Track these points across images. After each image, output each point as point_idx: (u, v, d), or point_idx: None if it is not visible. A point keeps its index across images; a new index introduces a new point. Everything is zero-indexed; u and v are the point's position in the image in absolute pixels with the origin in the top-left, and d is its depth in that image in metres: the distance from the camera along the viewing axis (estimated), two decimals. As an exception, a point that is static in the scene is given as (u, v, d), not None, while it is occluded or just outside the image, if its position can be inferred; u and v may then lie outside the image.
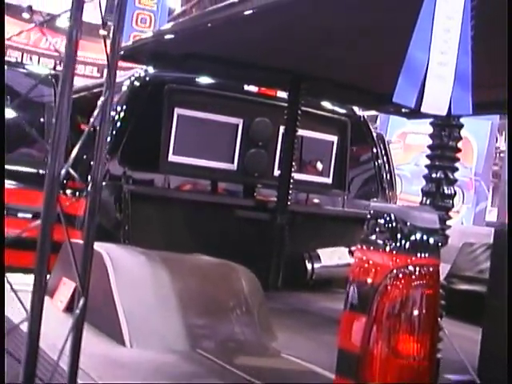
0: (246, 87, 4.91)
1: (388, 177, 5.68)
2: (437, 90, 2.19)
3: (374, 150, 5.55)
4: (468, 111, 2.27)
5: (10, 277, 3.64)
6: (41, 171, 4.65)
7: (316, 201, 5.39)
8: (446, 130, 2.42)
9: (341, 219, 5.09)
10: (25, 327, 2.09)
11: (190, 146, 4.71)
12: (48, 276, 2.17)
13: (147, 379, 2.45)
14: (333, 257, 4.79)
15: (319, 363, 2.73)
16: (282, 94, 4.88)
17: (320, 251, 4.82)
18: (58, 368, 1.93)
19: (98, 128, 4.17)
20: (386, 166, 5.69)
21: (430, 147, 2.50)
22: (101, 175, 1.88)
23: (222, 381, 2.51)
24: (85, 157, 4.70)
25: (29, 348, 1.60)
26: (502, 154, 16.56)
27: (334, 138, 5.29)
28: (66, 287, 3.33)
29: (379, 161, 5.59)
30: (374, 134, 5.72)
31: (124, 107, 4.53)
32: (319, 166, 5.34)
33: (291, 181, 4.77)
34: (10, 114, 5.24)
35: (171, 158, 4.62)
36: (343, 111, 5.33)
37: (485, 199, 13.30)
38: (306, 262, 4.81)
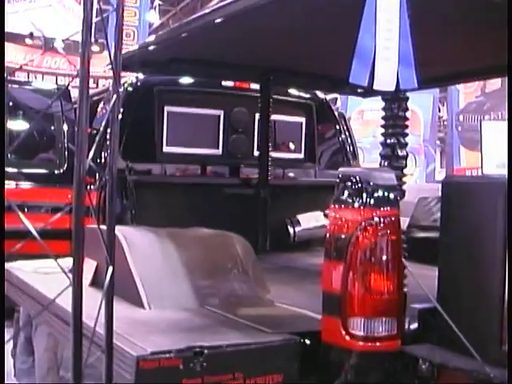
0: (223, 83, 4.96)
1: (351, 149, 5.77)
2: (384, 70, 2.28)
3: (337, 127, 5.63)
4: (414, 85, 2.36)
5: (43, 262, 3.72)
6: (56, 171, 4.69)
7: (292, 174, 5.47)
8: (396, 103, 2.50)
9: (314, 188, 5.16)
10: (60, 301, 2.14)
11: (181, 138, 4.76)
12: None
13: (166, 333, 2.51)
14: (311, 220, 4.88)
15: (307, 307, 2.80)
16: (255, 86, 4.95)
17: (299, 216, 4.90)
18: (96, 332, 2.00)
19: (100, 130, 4.23)
20: (349, 139, 5.77)
21: (383, 118, 2.58)
22: (115, 169, 1.91)
23: (231, 329, 2.56)
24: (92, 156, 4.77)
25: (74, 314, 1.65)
26: (445, 122, 16.65)
27: (302, 120, 5.37)
28: (89, 266, 3.37)
29: (342, 136, 5.67)
30: (336, 113, 5.80)
31: (121, 110, 4.57)
32: (292, 144, 5.42)
33: (269, 159, 4.85)
34: (24, 125, 5.29)
35: (165, 149, 4.67)
36: (308, 96, 5.40)
37: (433, 161, 13.44)
38: (288, 226, 4.89)
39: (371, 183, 2.35)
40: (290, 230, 4.88)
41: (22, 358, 4.57)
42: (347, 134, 5.74)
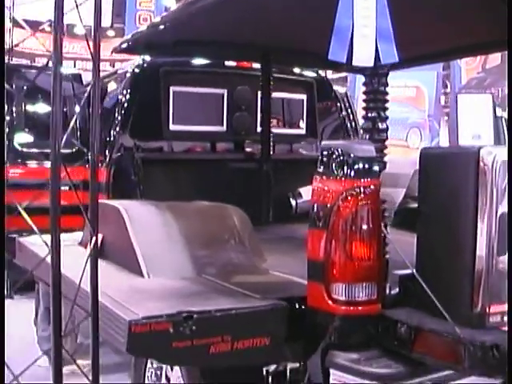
0: (226, 63, 4.95)
1: (353, 125, 5.74)
2: (363, 47, 2.27)
3: (338, 104, 5.60)
4: (394, 59, 2.34)
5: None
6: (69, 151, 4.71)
7: (294, 149, 5.46)
8: (376, 78, 2.48)
9: (315, 162, 5.14)
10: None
11: (186, 116, 4.77)
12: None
13: (160, 300, 2.55)
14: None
15: (300, 275, 2.81)
16: (257, 65, 4.94)
17: (301, 189, 4.90)
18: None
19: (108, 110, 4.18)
20: (350, 116, 5.74)
21: (364, 93, 2.57)
22: (97, 146, 1.92)
23: (223, 295, 2.59)
24: (102, 135, 4.80)
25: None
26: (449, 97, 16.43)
27: (304, 97, 5.35)
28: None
29: (343, 113, 5.64)
30: (339, 92, 5.78)
31: (129, 90, 4.60)
32: (294, 120, 5.41)
33: (272, 135, 4.86)
34: (43, 108, 5.32)
35: (172, 127, 4.68)
36: (309, 74, 5.38)
37: (437, 136, 13.32)
38: (291, 199, 4.90)
39: (352, 155, 2.35)
40: (292, 202, 4.88)
41: (42, 326, 4.65)
42: (349, 111, 5.71)
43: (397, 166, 3.32)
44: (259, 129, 4.99)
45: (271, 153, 4.88)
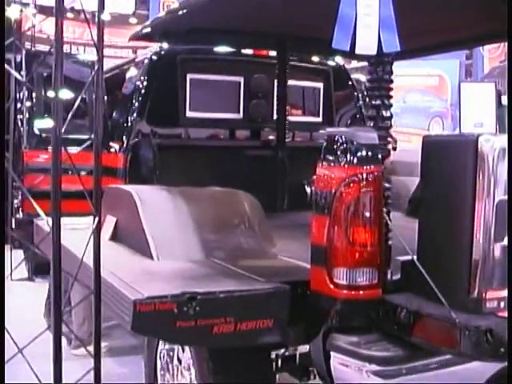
0: (243, 51, 4.98)
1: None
2: (366, 36, 2.29)
3: (355, 93, 5.60)
4: (396, 48, 2.36)
5: (72, 219, 3.82)
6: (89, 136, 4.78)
7: (310, 137, 5.47)
8: (380, 66, 2.50)
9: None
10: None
11: (203, 103, 4.80)
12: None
13: (167, 281, 2.60)
14: (326, 180, 4.88)
15: (306, 260, 2.85)
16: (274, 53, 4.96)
17: (316, 177, 4.91)
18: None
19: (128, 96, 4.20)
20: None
21: (368, 81, 2.59)
22: (100, 131, 1.97)
23: (229, 278, 2.64)
24: (120, 121, 4.87)
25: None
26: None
27: (321, 85, 5.35)
28: (109, 222, 3.49)
29: (360, 102, 5.64)
30: (357, 80, 5.78)
31: (146, 77, 4.64)
32: (311, 108, 5.43)
33: (287, 122, 4.89)
34: (64, 94, 5.39)
35: (188, 114, 4.72)
36: (326, 62, 5.39)
37: (474, 126, 13.09)
38: (306, 186, 4.91)
39: (355, 142, 2.38)
40: (308, 189, 4.90)
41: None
42: (367, 100, 5.69)
43: (413, 155, 3.34)
44: (275, 116, 5.02)
45: (287, 140, 4.91)
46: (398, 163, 5.83)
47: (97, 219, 1.86)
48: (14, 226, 5.15)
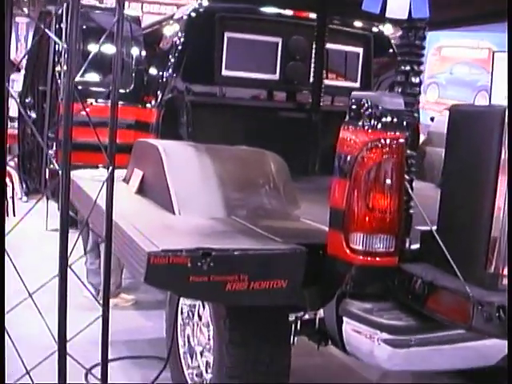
0: (282, 11, 4.87)
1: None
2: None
3: (396, 61, 5.44)
4: (425, 14, 2.27)
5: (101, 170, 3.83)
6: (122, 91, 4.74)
7: (347, 102, 5.36)
8: (412, 31, 2.40)
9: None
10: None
11: (239, 62, 4.72)
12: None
13: (185, 236, 2.59)
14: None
15: (326, 223, 2.81)
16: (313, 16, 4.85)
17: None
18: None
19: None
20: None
21: (399, 45, 2.50)
22: (118, 84, 1.93)
23: (247, 236, 2.60)
24: (156, 76, 4.83)
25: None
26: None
27: (360, 50, 5.23)
28: (136, 175, 3.48)
29: (400, 69, 5.49)
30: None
31: (184, 34, 4.59)
32: (349, 73, 5.31)
33: (324, 86, 4.80)
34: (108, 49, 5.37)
35: (224, 72, 4.65)
36: (367, 27, 5.24)
37: (504, 98, 12.76)
38: (338, 151, 4.84)
39: (380, 107, 2.31)
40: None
41: (90, 260, 4.81)
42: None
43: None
44: (312, 79, 4.93)
45: (322, 104, 4.82)
46: (434, 134, 5.70)
47: (110, 169, 1.83)
48: (47, 177, 5.19)
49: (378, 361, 2.29)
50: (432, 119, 7.62)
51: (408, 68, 2.42)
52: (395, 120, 2.29)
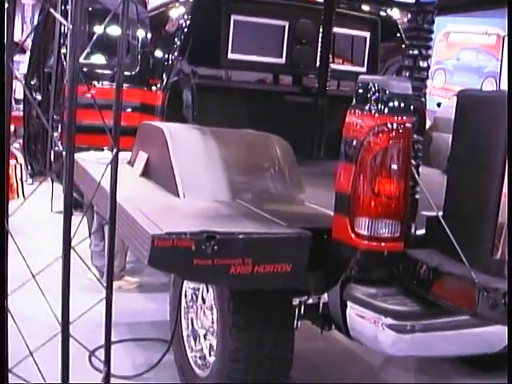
0: None
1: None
2: (407, -20, 2.16)
3: (403, 46, 5.40)
4: (433, -1, 2.24)
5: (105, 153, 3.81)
6: (128, 73, 4.71)
7: (353, 86, 5.32)
8: (421, 15, 2.36)
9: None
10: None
11: (246, 45, 4.67)
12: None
13: (189, 219, 2.57)
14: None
15: (331, 208, 2.79)
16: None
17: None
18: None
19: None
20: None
21: (407, 29, 2.46)
22: (122, 64, 1.90)
23: (251, 220, 2.59)
24: (162, 59, 4.80)
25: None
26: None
27: (367, 34, 5.17)
28: (141, 158, 3.46)
29: (407, 53, 5.44)
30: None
31: (190, 16, 4.54)
32: (355, 57, 5.26)
33: (330, 70, 4.76)
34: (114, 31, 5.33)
35: (230, 55, 4.61)
36: (374, 12, 5.19)
37: (511, 84, 12.65)
38: (344, 135, 4.81)
39: (387, 91, 2.28)
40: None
41: (94, 242, 4.80)
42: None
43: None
44: (318, 64, 4.88)
45: (329, 89, 4.79)
46: (441, 120, 5.65)
47: (114, 152, 1.81)
48: (52, 159, 5.18)
49: (382, 346, 2.28)
50: (439, 105, 7.57)
51: (416, 52, 2.39)
52: (402, 104, 2.27)
